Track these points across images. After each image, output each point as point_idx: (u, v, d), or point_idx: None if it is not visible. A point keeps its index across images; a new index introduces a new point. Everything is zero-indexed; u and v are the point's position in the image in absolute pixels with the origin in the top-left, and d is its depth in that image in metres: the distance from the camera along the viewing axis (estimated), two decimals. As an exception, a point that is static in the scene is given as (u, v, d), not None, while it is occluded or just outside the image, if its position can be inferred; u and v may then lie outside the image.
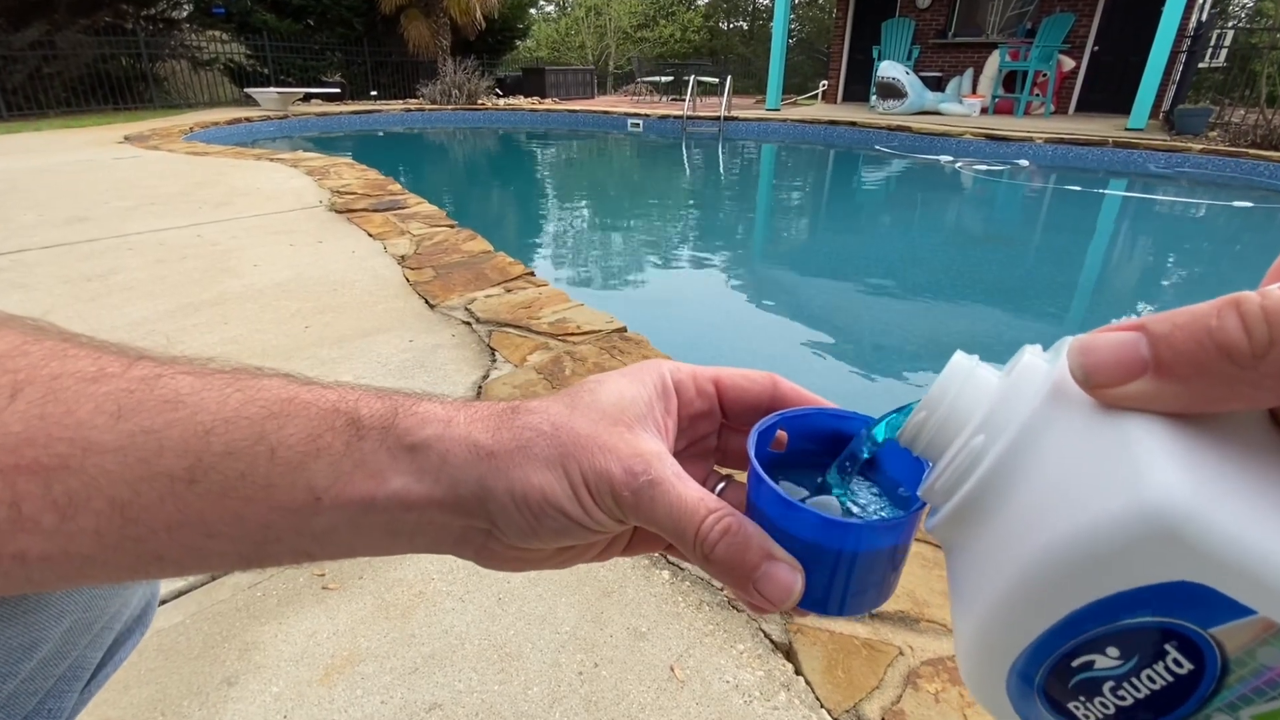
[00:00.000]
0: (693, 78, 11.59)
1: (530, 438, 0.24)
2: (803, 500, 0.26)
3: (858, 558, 0.23)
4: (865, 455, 0.26)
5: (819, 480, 0.28)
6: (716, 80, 13.01)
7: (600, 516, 0.24)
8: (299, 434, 0.23)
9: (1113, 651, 0.16)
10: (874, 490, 0.28)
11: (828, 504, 0.27)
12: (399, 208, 3.65)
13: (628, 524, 0.25)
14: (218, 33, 12.15)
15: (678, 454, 0.28)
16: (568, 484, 0.24)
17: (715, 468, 0.32)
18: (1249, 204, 5.86)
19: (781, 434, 0.28)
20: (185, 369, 0.23)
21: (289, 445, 0.22)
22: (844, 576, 0.24)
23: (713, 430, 0.31)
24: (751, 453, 0.25)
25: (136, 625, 0.42)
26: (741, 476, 0.28)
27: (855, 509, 0.27)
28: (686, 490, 0.24)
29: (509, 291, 2.32)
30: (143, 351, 0.24)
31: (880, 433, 0.26)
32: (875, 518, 0.26)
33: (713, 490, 0.30)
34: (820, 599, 0.24)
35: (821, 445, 0.28)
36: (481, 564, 0.27)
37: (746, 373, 0.29)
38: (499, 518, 0.24)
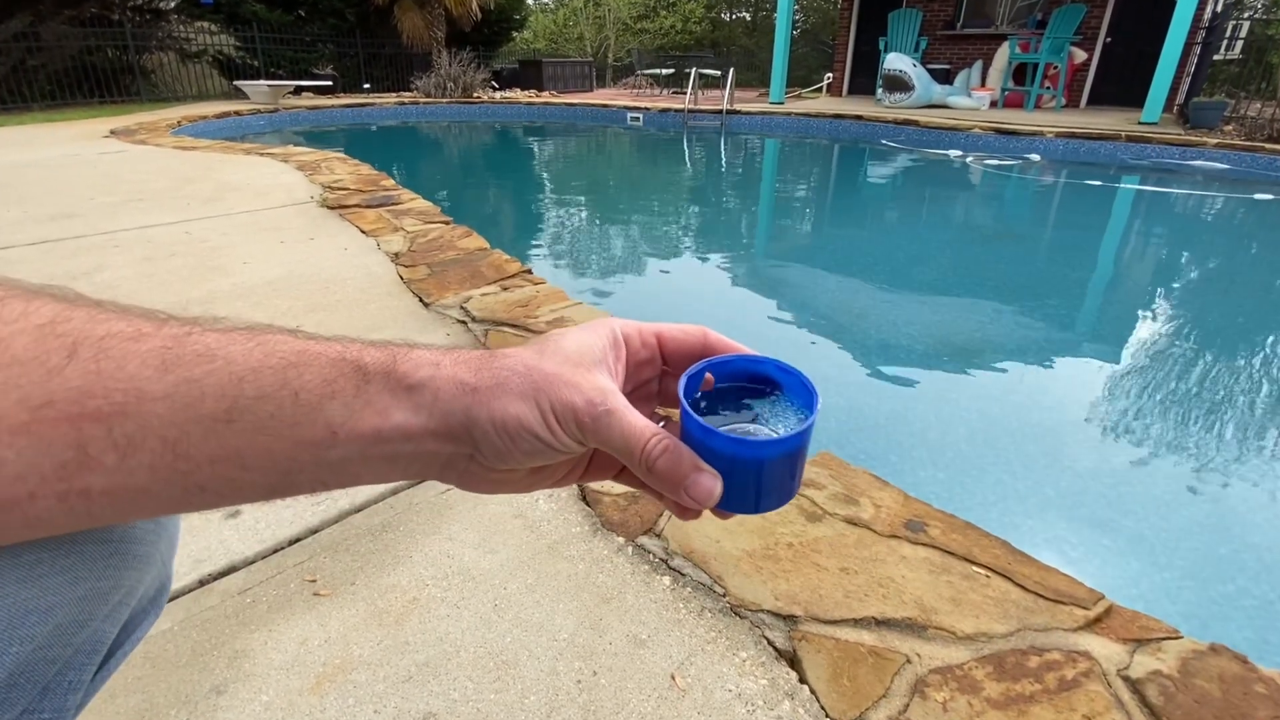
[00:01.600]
0: (694, 70, 11.59)
1: (507, 376, 0.30)
2: (723, 428, 0.33)
3: (762, 465, 0.31)
4: (773, 377, 0.35)
5: (740, 411, 0.35)
6: (719, 73, 13.01)
7: (565, 439, 0.30)
8: (315, 380, 0.27)
9: None
10: (779, 416, 0.35)
11: (743, 429, 0.34)
12: (392, 203, 3.65)
13: (587, 446, 0.31)
14: (206, 24, 12.15)
15: (626, 395, 0.34)
16: (539, 412, 0.29)
17: (657, 409, 0.39)
18: (1270, 196, 5.86)
19: (709, 377, 0.35)
20: (209, 327, 0.28)
21: (309, 389, 0.27)
22: (753, 482, 0.32)
23: (655, 376, 0.38)
24: (681, 393, 0.32)
25: (151, 606, 0.43)
26: (677, 416, 0.35)
27: (765, 431, 0.34)
28: (635, 418, 0.30)
29: (505, 290, 2.32)
30: (167, 314, 0.28)
31: (782, 372, 0.34)
32: (773, 436, 0.34)
33: None
34: (738, 501, 0.32)
35: (742, 384, 0.36)
36: (462, 486, 0.32)
37: (683, 326, 0.36)
38: (481, 442, 0.30)
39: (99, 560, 0.34)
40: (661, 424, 0.36)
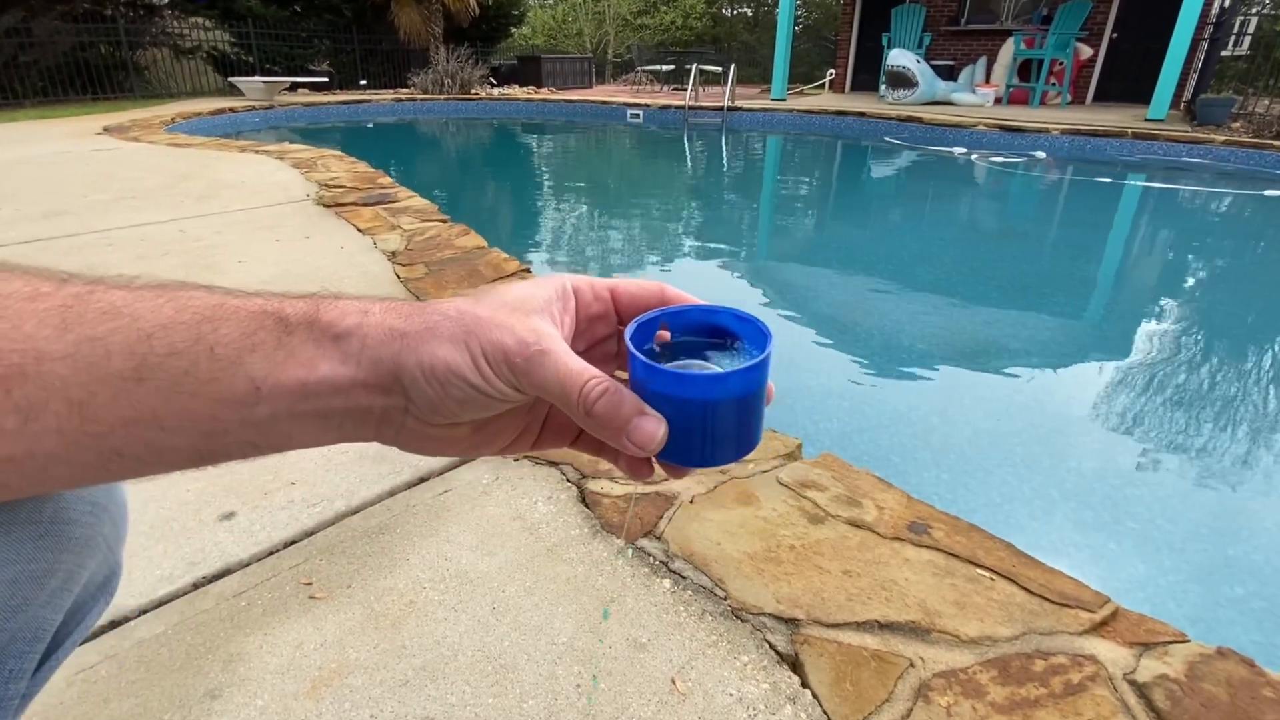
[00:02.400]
0: (695, 66, 11.59)
1: (437, 321, 0.28)
2: (669, 365, 0.31)
3: (710, 406, 0.29)
4: (730, 328, 0.33)
5: (698, 360, 0.33)
6: (720, 69, 13.01)
7: (498, 384, 0.29)
8: (233, 334, 0.26)
9: None
10: (735, 361, 0.33)
11: (693, 369, 0.32)
12: (389, 201, 3.65)
13: (524, 392, 0.29)
14: (200, 20, 12.14)
15: (582, 354, 0.33)
16: (469, 356, 0.28)
17: (617, 372, 0.36)
18: (1278, 193, 5.86)
19: (664, 329, 0.34)
20: (115, 285, 0.26)
21: (225, 344, 0.26)
22: (702, 427, 0.29)
23: (611, 334, 0.36)
24: (628, 337, 0.30)
25: (100, 593, 0.42)
26: None
27: (715, 371, 0.32)
28: (573, 360, 0.29)
29: (504, 289, 2.32)
30: (70, 273, 0.26)
31: (738, 320, 0.32)
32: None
33: None
34: (686, 450, 0.30)
35: (700, 335, 0.34)
36: (402, 447, 0.31)
37: (639, 281, 0.34)
38: (411, 390, 0.28)
39: (28, 542, 0.33)
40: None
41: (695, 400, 0.29)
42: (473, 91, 12.73)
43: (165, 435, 0.26)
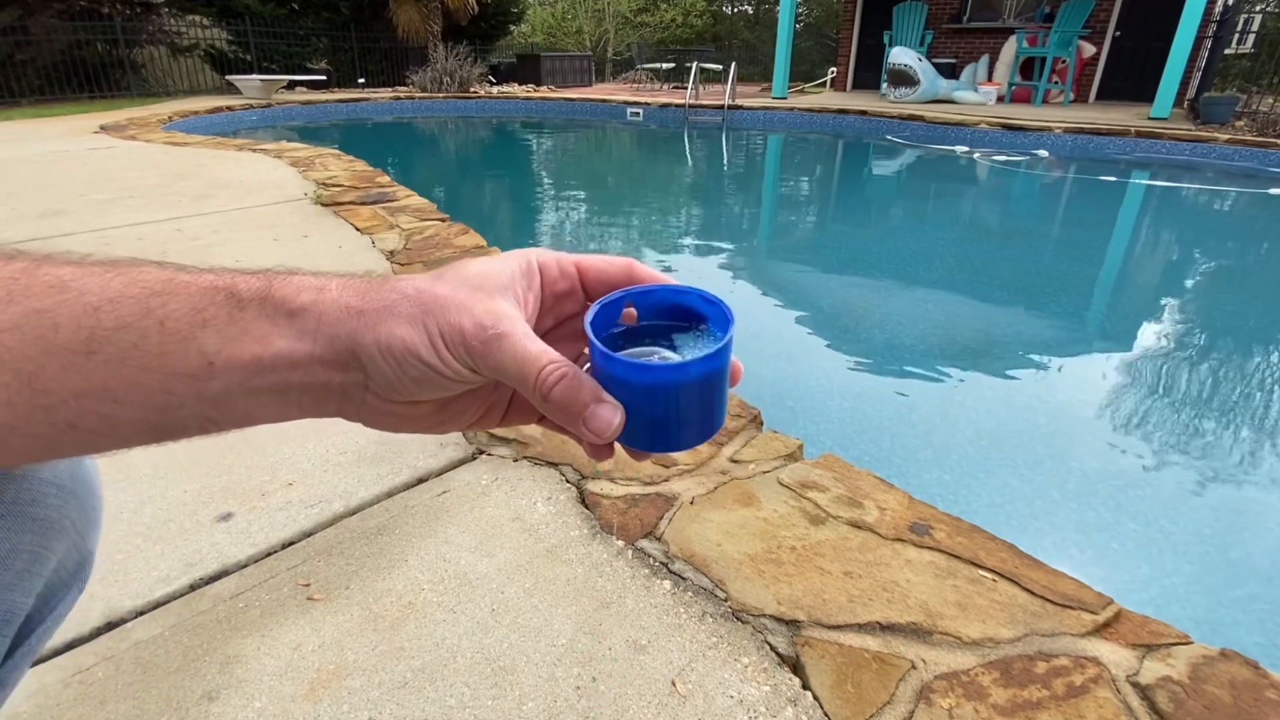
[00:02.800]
0: (695, 64, 11.59)
1: (395, 300, 0.28)
2: (626, 352, 0.31)
3: (667, 393, 0.29)
4: (698, 309, 0.33)
5: (665, 345, 0.33)
6: (720, 67, 13.01)
7: (455, 365, 0.28)
8: (183, 309, 0.26)
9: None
10: (703, 349, 0.32)
11: (653, 356, 0.32)
12: (388, 200, 3.65)
13: (481, 374, 0.29)
14: (198, 17, 12.14)
15: (548, 333, 0.33)
16: (426, 337, 0.28)
17: (585, 350, 0.36)
18: None
19: (630, 310, 0.33)
20: (64, 261, 0.27)
21: (175, 318, 0.26)
22: (661, 413, 0.29)
23: (578, 312, 0.35)
24: (588, 320, 0.30)
25: (73, 580, 0.42)
26: None
27: (676, 358, 0.32)
28: (531, 344, 0.28)
29: (503, 288, 2.32)
30: (17, 250, 0.27)
31: (706, 303, 0.32)
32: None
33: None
34: (646, 435, 0.30)
35: (667, 317, 0.34)
36: (365, 423, 0.31)
37: (607, 257, 0.34)
38: (369, 367, 0.28)
39: None
40: (587, 367, 0.35)
41: (653, 388, 0.29)
42: (471, 90, 12.73)
43: (119, 409, 0.26)
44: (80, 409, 0.25)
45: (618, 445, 0.31)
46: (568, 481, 1.29)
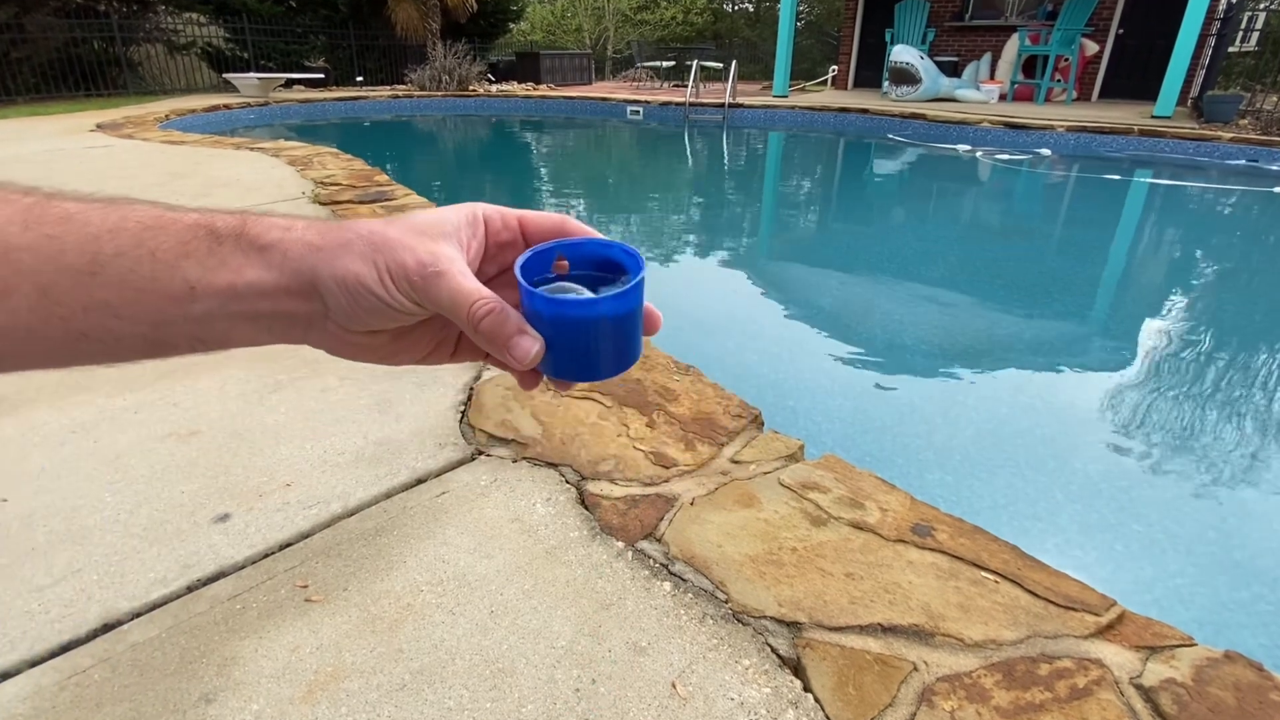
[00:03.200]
0: (695, 63, 11.59)
1: (351, 239, 0.33)
2: (545, 288, 0.35)
3: (582, 326, 0.33)
4: (621, 262, 0.37)
5: (581, 287, 0.37)
6: (721, 66, 13.01)
7: (400, 298, 0.33)
8: (170, 242, 0.31)
9: None
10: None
11: (577, 293, 0.36)
12: (386, 199, 3.65)
13: (424, 307, 0.33)
14: (195, 15, 12.14)
15: (492, 279, 0.38)
16: (375, 272, 0.32)
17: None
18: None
19: (563, 261, 0.37)
20: (70, 197, 0.31)
21: (164, 249, 0.31)
22: (577, 343, 0.34)
23: None
24: (518, 263, 0.34)
25: None
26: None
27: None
28: (466, 281, 0.33)
29: (502, 288, 2.32)
30: (33, 187, 0.31)
31: (627, 255, 0.36)
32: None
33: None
34: (566, 365, 0.34)
35: (598, 270, 0.38)
36: (329, 350, 0.35)
37: (543, 213, 0.39)
38: (328, 298, 0.32)
39: None
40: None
41: (567, 321, 0.33)
42: (470, 88, 12.73)
43: (121, 323, 0.30)
44: (89, 321, 0.30)
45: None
46: (567, 482, 1.29)
